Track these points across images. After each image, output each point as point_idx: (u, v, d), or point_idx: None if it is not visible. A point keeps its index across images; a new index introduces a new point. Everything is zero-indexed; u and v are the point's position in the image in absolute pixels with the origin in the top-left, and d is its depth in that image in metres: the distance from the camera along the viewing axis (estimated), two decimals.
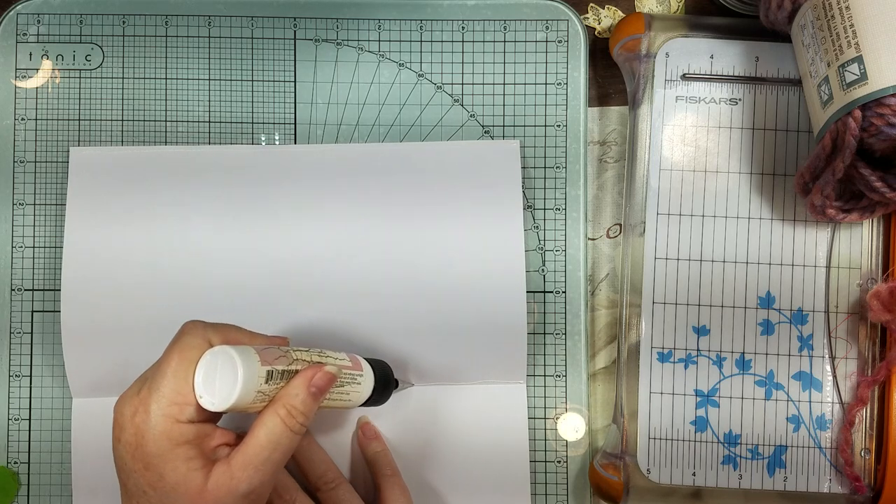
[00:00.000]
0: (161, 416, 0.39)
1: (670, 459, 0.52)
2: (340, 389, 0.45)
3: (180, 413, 0.40)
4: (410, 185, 0.54)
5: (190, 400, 0.40)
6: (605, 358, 0.55)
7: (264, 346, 0.42)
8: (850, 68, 0.45)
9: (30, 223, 0.55)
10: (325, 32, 0.55)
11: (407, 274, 0.53)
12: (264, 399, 0.41)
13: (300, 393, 0.42)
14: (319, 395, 0.42)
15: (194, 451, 0.40)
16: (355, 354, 0.48)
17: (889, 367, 0.50)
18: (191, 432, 0.40)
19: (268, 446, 0.41)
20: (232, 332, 0.43)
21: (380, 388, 0.49)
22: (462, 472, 0.53)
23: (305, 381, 0.42)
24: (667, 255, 0.53)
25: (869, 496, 0.51)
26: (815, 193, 0.49)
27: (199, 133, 0.55)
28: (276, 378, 0.41)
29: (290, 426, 0.41)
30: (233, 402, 0.39)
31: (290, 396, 0.41)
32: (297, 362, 0.43)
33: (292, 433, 0.41)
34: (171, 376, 0.40)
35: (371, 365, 0.49)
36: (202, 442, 0.41)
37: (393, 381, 0.51)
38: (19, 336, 0.54)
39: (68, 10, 0.55)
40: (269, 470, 0.41)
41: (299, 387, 0.42)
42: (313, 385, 0.42)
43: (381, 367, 0.50)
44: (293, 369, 0.42)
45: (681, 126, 0.53)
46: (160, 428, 0.39)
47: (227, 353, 0.40)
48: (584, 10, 0.56)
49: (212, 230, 0.53)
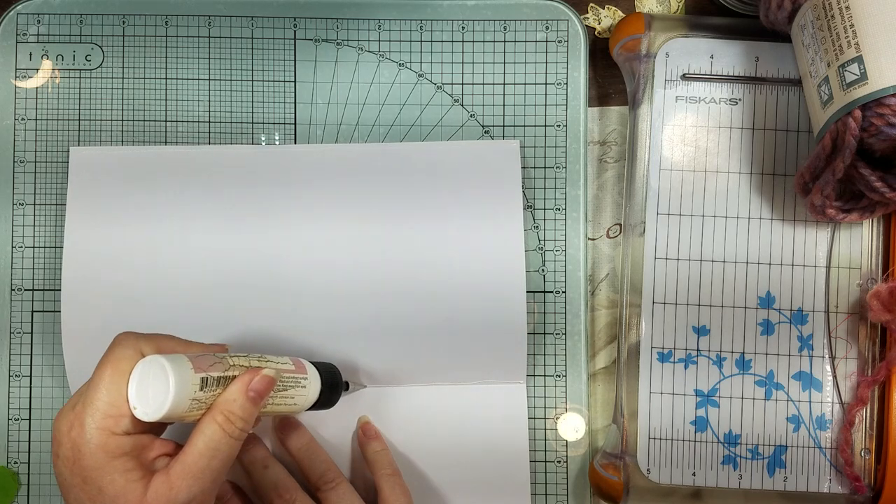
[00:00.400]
0: (96, 429, 0.39)
1: (670, 459, 0.52)
2: (284, 394, 0.45)
3: (115, 425, 0.40)
4: (410, 184, 0.54)
5: (124, 412, 0.40)
6: (605, 358, 0.55)
7: (198, 354, 0.42)
8: (850, 68, 0.45)
9: (30, 223, 0.55)
10: (325, 32, 0.55)
11: (407, 274, 0.53)
12: (201, 407, 0.41)
13: (238, 398, 0.42)
14: (259, 400, 0.42)
15: (132, 462, 0.40)
16: (300, 358, 0.48)
17: (889, 367, 0.50)
18: (128, 444, 0.40)
19: (206, 454, 0.41)
20: (165, 341, 0.43)
21: (327, 391, 0.49)
22: (462, 472, 0.53)
23: (243, 385, 0.42)
24: (667, 255, 0.53)
25: (869, 496, 0.51)
26: (815, 193, 0.49)
27: (199, 133, 0.55)
28: (212, 385, 0.41)
29: (228, 432, 0.41)
30: (166, 411, 0.39)
31: (228, 402, 0.41)
32: (233, 368, 0.42)
33: (231, 439, 0.41)
34: (104, 389, 0.40)
35: (318, 368, 0.49)
36: (140, 453, 0.41)
37: (341, 383, 0.50)
38: (19, 336, 0.54)
39: (68, 10, 0.55)
40: (208, 478, 0.41)
41: (237, 392, 0.42)
42: (251, 389, 0.42)
43: (328, 369, 0.49)
44: (230, 375, 0.42)
45: (681, 126, 0.53)
46: (96, 441, 0.39)
47: (158, 362, 0.40)
48: (584, 10, 0.56)
49: (212, 230, 0.53)
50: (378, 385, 0.54)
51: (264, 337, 0.53)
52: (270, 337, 0.53)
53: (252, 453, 0.51)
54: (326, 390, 0.48)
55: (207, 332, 0.52)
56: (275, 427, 0.53)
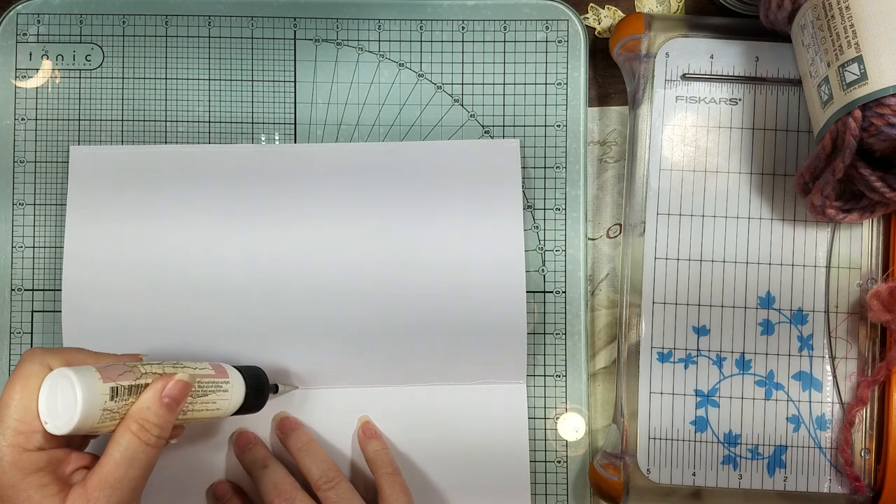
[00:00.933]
0: (8, 447, 0.39)
1: (670, 459, 0.52)
2: (205, 399, 0.45)
3: (27, 442, 0.40)
4: (410, 184, 0.54)
5: (36, 427, 0.40)
6: (605, 358, 0.55)
7: (108, 364, 0.42)
8: (850, 68, 0.45)
9: (30, 223, 0.55)
10: (325, 32, 0.55)
11: (406, 273, 0.53)
12: (115, 417, 0.41)
13: (152, 405, 0.42)
14: (174, 405, 0.42)
15: (48, 477, 0.40)
16: (221, 363, 0.48)
17: (889, 367, 0.50)
18: (42, 460, 0.40)
19: (123, 463, 0.41)
20: (74, 354, 0.43)
21: (252, 395, 0.49)
22: (462, 471, 0.53)
23: (156, 392, 0.42)
24: (667, 255, 0.53)
25: (869, 496, 0.51)
26: (815, 193, 0.49)
27: (199, 133, 0.55)
28: (124, 394, 0.41)
29: (144, 440, 0.41)
30: (76, 424, 0.39)
31: (142, 410, 0.41)
32: (145, 376, 0.42)
33: (148, 447, 0.41)
34: (13, 406, 0.40)
35: (242, 372, 0.49)
36: (56, 468, 0.41)
37: (268, 386, 0.50)
38: (19, 336, 0.54)
39: (68, 10, 0.55)
40: (127, 487, 0.41)
41: (150, 399, 0.42)
42: (166, 395, 0.42)
43: (252, 373, 0.49)
44: (142, 383, 0.42)
45: (681, 126, 0.53)
46: (8, 459, 0.39)
47: (65, 375, 0.40)
48: (584, 10, 0.56)
49: (212, 229, 0.53)
50: (378, 385, 0.54)
51: (264, 335, 0.53)
52: (270, 335, 0.53)
53: (252, 453, 0.51)
54: (252, 394, 0.48)
55: (207, 331, 0.53)
56: (275, 427, 0.53)
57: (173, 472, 0.53)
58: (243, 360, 0.52)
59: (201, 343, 0.52)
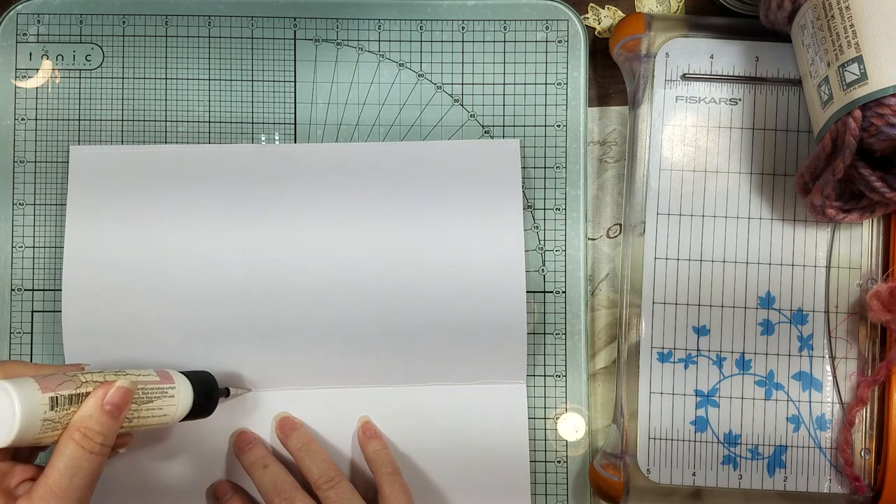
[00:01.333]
0: None
1: (670, 459, 0.52)
2: (150, 405, 0.45)
3: None
4: (410, 184, 0.54)
5: None
6: (605, 358, 0.55)
7: (47, 374, 0.42)
8: (850, 68, 0.45)
9: (30, 223, 0.55)
10: (325, 32, 0.55)
11: (406, 273, 0.53)
12: (57, 427, 0.41)
13: (94, 413, 0.42)
14: (117, 412, 0.42)
15: None
16: (167, 369, 0.48)
17: (889, 367, 0.50)
18: None
19: (67, 473, 0.40)
20: (12, 366, 0.43)
21: (202, 400, 0.49)
22: (462, 472, 0.53)
23: (98, 400, 0.42)
24: (667, 255, 0.53)
25: (869, 496, 0.51)
26: (815, 193, 0.49)
27: (199, 133, 0.55)
28: (64, 404, 0.41)
29: (88, 448, 0.41)
30: (16, 435, 0.39)
31: (84, 419, 0.41)
32: (86, 384, 0.42)
33: (92, 455, 0.41)
34: None
35: (189, 377, 0.49)
36: (1, 481, 0.41)
37: (217, 390, 0.50)
38: (19, 336, 0.54)
39: (68, 10, 0.55)
40: (73, 497, 0.40)
41: (92, 407, 0.42)
42: (107, 403, 0.42)
43: (200, 378, 0.50)
44: (83, 392, 0.42)
45: (681, 126, 0.53)
46: None
47: (2, 387, 0.39)
48: (584, 10, 0.56)
49: (212, 229, 0.53)
50: (378, 385, 0.54)
51: (264, 335, 0.53)
52: (270, 335, 0.53)
53: (252, 453, 0.51)
54: (201, 398, 0.49)
55: (207, 331, 0.53)
56: (275, 427, 0.53)
57: (173, 473, 0.53)
58: (243, 359, 0.52)
59: (201, 343, 0.52)
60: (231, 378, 0.53)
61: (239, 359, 0.53)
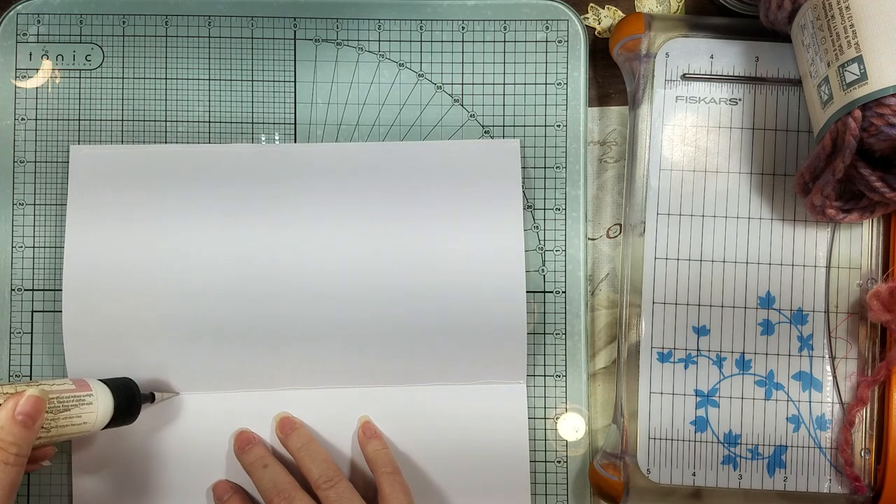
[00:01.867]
0: None
1: (670, 459, 0.52)
2: (68, 414, 0.45)
3: None
4: (410, 184, 0.54)
5: None
6: (605, 358, 0.55)
7: None
8: (850, 68, 0.45)
9: (30, 223, 0.55)
10: (325, 32, 0.55)
11: (406, 273, 0.53)
12: None
13: (5, 424, 0.42)
14: (30, 422, 0.42)
15: None
16: (84, 377, 0.48)
17: (889, 367, 0.50)
18: None
19: None
20: None
21: (123, 405, 0.49)
22: (462, 471, 0.53)
23: (9, 410, 0.42)
24: (667, 255, 0.53)
25: (869, 496, 0.51)
26: (815, 193, 0.49)
27: (199, 133, 0.55)
28: None
29: (2, 459, 0.41)
30: None
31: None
32: None
33: (7, 466, 0.41)
34: None
35: (108, 383, 0.49)
36: None
37: (138, 395, 0.50)
38: (19, 336, 0.54)
39: (68, 10, 0.55)
40: None
41: (4, 418, 0.42)
42: (19, 413, 0.42)
43: (120, 384, 0.50)
44: None
45: (681, 126, 0.53)
46: None
47: None
48: (584, 10, 0.56)
49: (212, 229, 0.53)
50: (378, 385, 0.54)
51: (264, 335, 0.53)
52: (270, 335, 0.53)
53: (252, 453, 0.52)
54: (123, 404, 0.49)
55: (207, 331, 0.53)
56: (275, 427, 0.53)
57: (173, 473, 0.53)
58: (243, 359, 0.52)
59: (201, 342, 0.53)
60: (231, 378, 0.53)
61: (239, 358, 0.53)
